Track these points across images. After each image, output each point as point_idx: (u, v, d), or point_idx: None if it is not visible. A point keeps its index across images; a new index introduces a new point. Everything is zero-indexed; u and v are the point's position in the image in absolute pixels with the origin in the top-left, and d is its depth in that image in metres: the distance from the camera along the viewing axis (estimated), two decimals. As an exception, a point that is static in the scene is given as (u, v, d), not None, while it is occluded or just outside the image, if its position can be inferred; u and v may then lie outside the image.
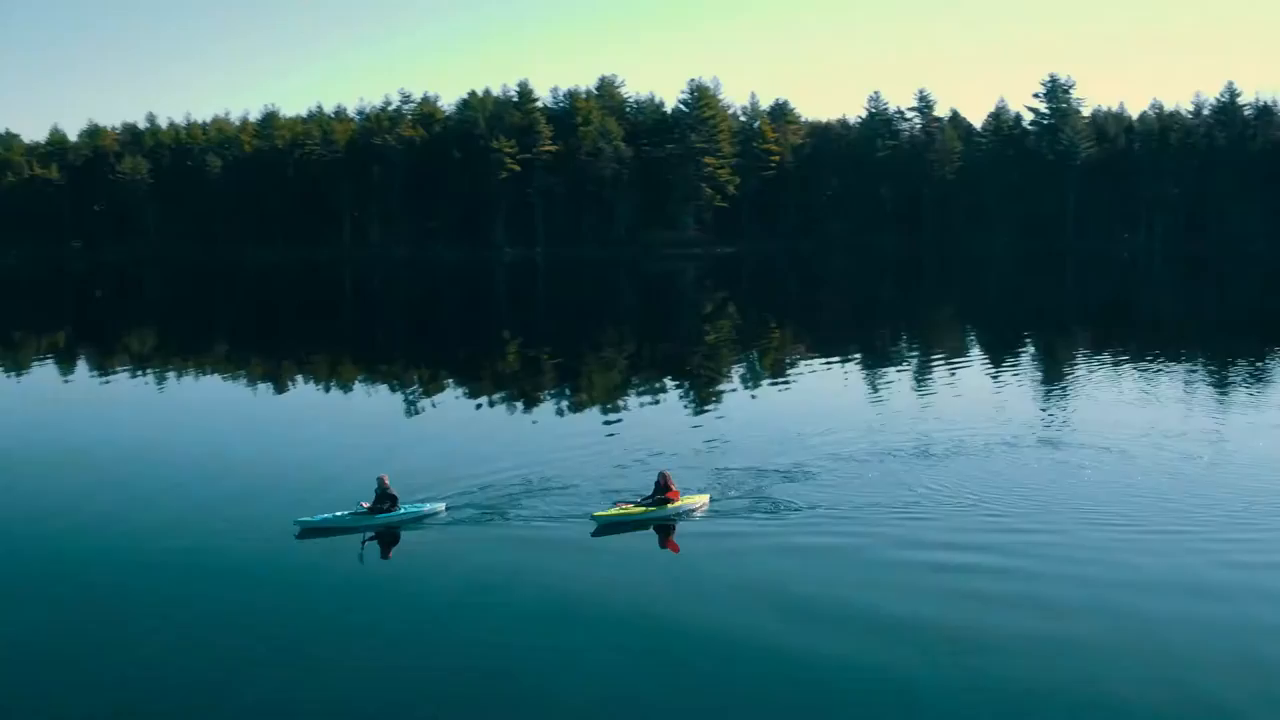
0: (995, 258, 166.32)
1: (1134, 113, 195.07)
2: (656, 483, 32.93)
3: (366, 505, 31.45)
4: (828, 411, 53.38)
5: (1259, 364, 70.55)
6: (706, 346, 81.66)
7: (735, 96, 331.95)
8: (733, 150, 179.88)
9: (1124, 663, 23.66)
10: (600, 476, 37.11)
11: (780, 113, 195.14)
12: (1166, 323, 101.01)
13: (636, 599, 26.58)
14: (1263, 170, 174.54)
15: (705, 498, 33.58)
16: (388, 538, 30.88)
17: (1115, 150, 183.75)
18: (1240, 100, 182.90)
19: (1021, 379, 66.24)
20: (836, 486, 36.10)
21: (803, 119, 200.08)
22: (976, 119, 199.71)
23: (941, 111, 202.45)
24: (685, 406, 57.09)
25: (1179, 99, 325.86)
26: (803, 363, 74.57)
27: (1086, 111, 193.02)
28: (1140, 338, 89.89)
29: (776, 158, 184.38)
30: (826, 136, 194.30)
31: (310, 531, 30.63)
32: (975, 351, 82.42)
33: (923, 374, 67.59)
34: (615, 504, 32.78)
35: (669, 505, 32.56)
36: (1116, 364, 72.10)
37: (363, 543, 30.32)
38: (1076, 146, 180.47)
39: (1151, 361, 72.84)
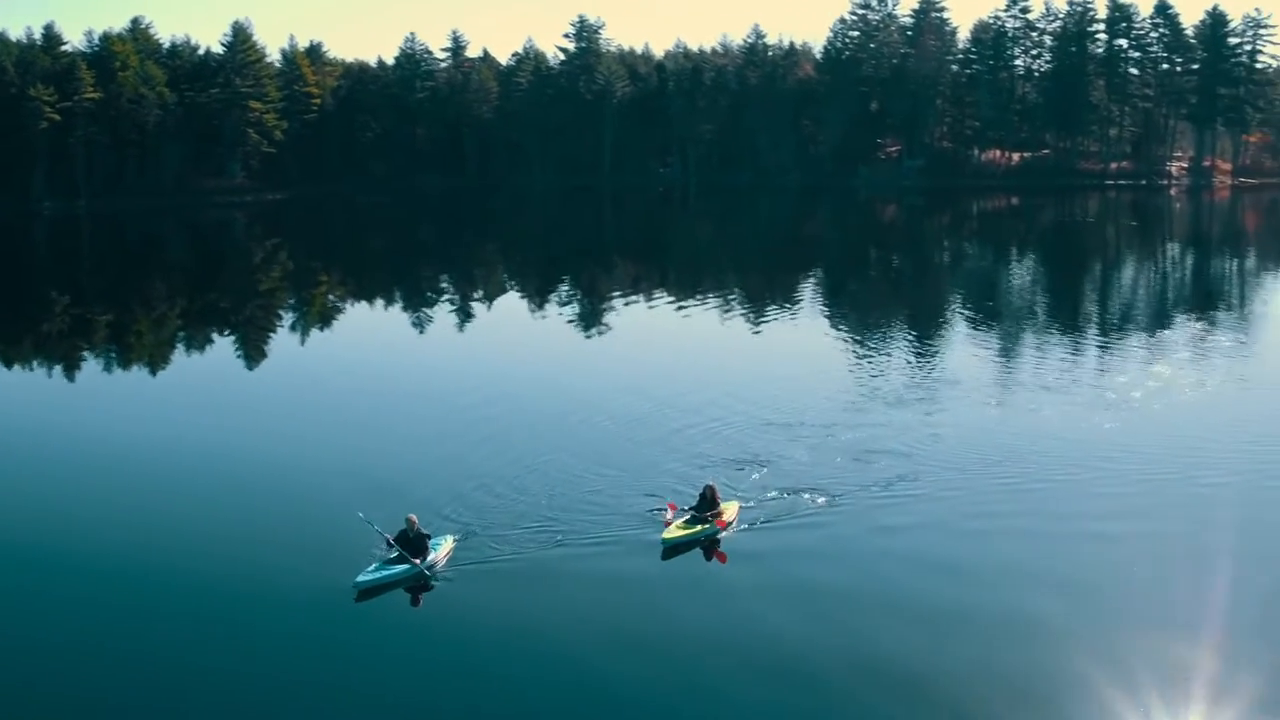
0: (536, 195, 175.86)
1: (659, 52, 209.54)
2: (703, 495, 31.84)
3: (390, 538, 28.71)
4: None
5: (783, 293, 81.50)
6: (260, 296, 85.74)
7: (270, 38, 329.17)
8: (278, 94, 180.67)
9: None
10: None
11: (315, 54, 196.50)
12: (700, 252, 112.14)
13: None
14: (791, 107, 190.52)
15: (736, 505, 32.68)
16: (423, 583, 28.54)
17: (650, 88, 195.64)
18: (767, 42, 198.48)
19: (567, 311, 75.10)
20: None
21: (338, 60, 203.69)
22: (507, 59, 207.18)
23: (474, 52, 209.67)
24: (254, 357, 62.14)
25: (703, 39, 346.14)
26: (351, 308, 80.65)
27: (614, 50, 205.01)
28: (670, 267, 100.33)
29: (318, 101, 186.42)
30: (363, 78, 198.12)
31: (368, 591, 27.70)
32: (515, 286, 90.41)
33: (465, 313, 75.09)
34: (665, 508, 31.85)
35: (721, 518, 31.52)
36: (653, 292, 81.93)
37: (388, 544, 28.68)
38: (612, 85, 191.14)
39: (675, 290, 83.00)
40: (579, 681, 23.60)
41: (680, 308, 74.29)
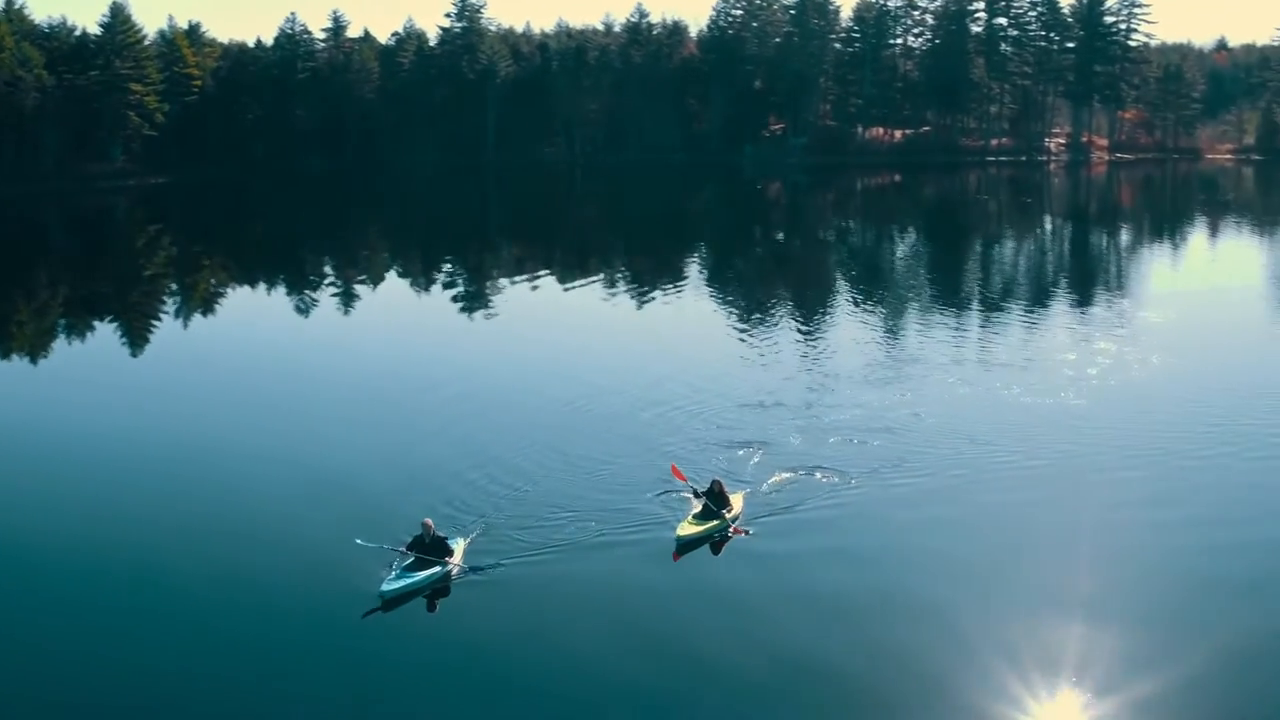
0: (420, 175, 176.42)
1: (538, 30, 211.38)
2: (710, 490, 31.76)
3: (403, 549, 28.53)
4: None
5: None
6: (144, 282, 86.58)
7: (148, 19, 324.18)
8: (158, 76, 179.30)
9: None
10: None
11: (194, 35, 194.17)
12: (595, 233, 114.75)
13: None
14: (676, 86, 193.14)
15: (741, 495, 33.03)
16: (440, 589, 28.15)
17: (533, 68, 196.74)
18: (650, 21, 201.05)
19: (475, 295, 77.54)
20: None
21: (217, 41, 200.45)
22: (387, 38, 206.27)
23: (354, 32, 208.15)
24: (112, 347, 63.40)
25: (586, 18, 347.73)
26: (240, 294, 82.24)
27: (496, 30, 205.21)
28: (570, 249, 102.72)
29: (198, 83, 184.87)
30: (242, 60, 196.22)
31: (394, 601, 27.23)
32: (407, 270, 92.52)
33: (360, 298, 77.26)
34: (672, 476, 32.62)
35: (728, 513, 31.59)
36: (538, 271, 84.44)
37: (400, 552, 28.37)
38: (495, 65, 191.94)
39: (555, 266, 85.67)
40: (598, 688, 23.68)
41: (593, 290, 77.01)
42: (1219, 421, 40.77)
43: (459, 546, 29.11)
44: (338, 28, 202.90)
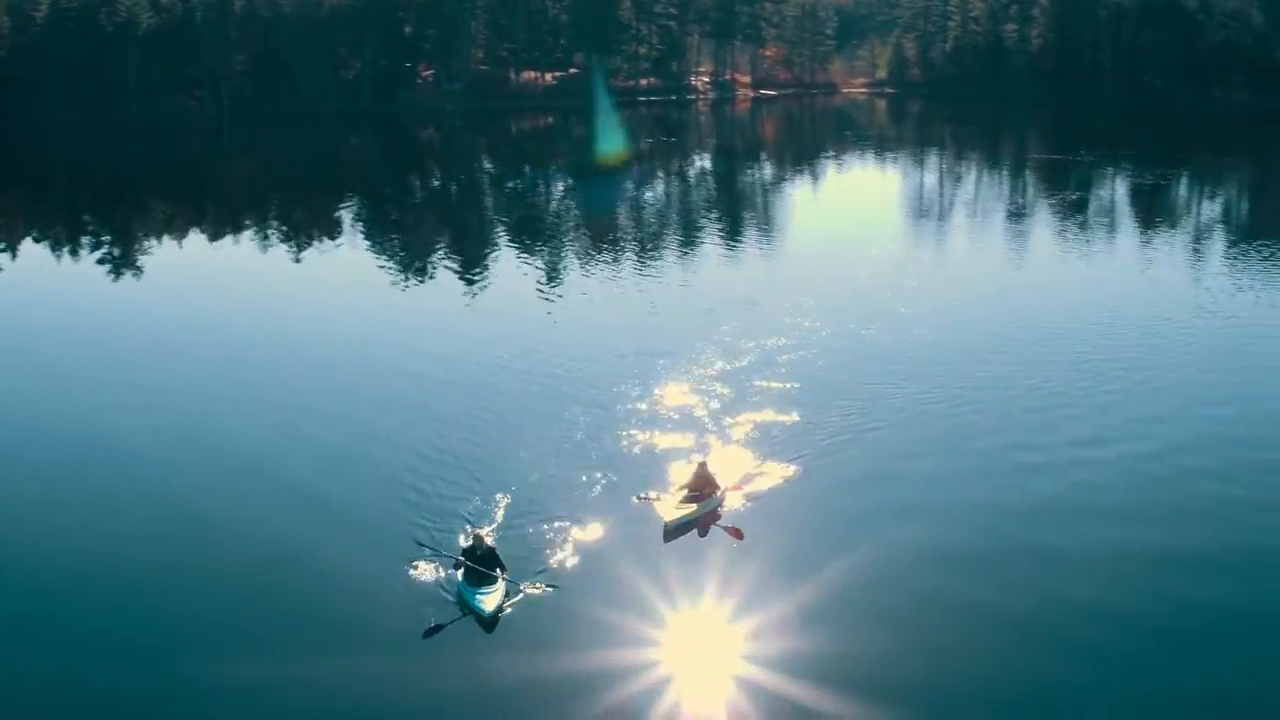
0: (59, 133, 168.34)
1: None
2: (696, 474, 31.47)
3: (459, 557, 27.51)
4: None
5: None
6: None
7: None
8: None
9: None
10: None
11: None
12: (255, 189, 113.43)
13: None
14: (326, 34, 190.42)
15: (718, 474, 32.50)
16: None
17: (175, 19, 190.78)
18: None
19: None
20: None
21: None
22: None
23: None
24: None
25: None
26: None
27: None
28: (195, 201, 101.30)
29: None
30: None
31: (493, 621, 26.03)
32: (38, 235, 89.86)
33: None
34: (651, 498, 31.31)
35: (716, 495, 31.32)
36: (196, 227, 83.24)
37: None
38: (136, 18, 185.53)
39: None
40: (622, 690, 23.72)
41: (299, 256, 76.97)
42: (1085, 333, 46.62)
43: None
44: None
